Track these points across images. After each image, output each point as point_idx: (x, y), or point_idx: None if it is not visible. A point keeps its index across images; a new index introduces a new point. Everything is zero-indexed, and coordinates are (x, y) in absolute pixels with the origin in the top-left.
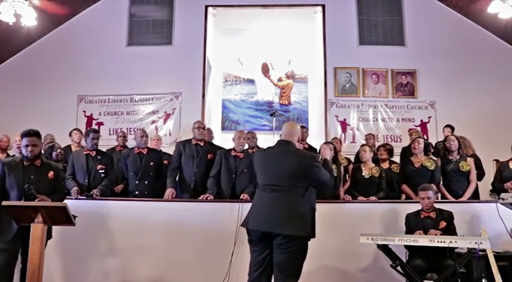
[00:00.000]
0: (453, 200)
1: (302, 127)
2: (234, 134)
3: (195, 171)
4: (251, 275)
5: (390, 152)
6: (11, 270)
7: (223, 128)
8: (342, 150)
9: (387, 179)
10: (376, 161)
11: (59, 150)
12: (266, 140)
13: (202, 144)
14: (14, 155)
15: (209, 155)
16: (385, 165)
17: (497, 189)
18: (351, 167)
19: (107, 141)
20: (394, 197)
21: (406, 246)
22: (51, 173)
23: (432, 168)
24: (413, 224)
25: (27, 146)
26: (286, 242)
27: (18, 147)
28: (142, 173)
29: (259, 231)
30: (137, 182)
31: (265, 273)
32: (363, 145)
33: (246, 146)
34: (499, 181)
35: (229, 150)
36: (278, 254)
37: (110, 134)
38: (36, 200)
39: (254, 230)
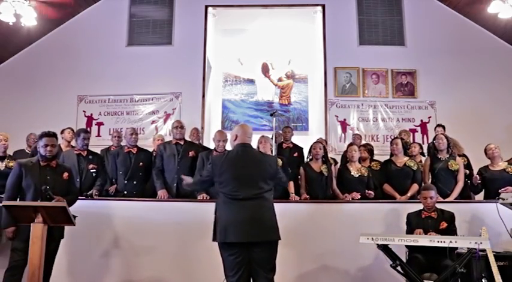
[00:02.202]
0: (453, 200)
1: (286, 127)
2: (214, 134)
3: (177, 169)
4: (229, 279)
5: (371, 151)
6: (21, 269)
7: (223, 128)
8: (340, 150)
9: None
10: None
11: None
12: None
13: (182, 143)
14: None
15: (190, 153)
16: (366, 163)
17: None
18: (336, 167)
19: (107, 142)
20: (377, 195)
21: (407, 246)
22: (65, 174)
23: (415, 168)
24: (415, 223)
25: (46, 145)
26: (266, 244)
27: (3, 146)
28: (132, 172)
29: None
30: (126, 181)
31: (245, 275)
32: (351, 144)
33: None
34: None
35: (211, 151)
36: (258, 253)
37: (110, 134)
38: (53, 201)
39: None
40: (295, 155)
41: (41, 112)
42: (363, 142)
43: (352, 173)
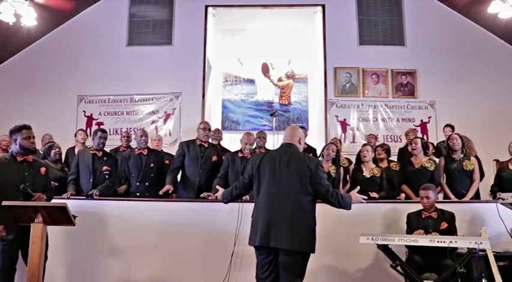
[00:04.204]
0: (453, 200)
1: (301, 128)
2: (242, 136)
3: (199, 172)
4: (259, 277)
5: (388, 151)
6: (11, 271)
7: (223, 128)
8: (342, 150)
9: (388, 178)
10: (374, 161)
11: (57, 149)
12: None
13: (206, 146)
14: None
15: (213, 157)
16: (384, 164)
17: (495, 193)
18: (351, 167)
19: (107, 141)
20: (395, 196)
21: (407, 246)
22: (43, 169)
23: (432, 168)
24: (415, 223)
25: (29, 137)
26: (291, 251)
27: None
28: (143, 174)
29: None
30: (138, 183)
31: (273, 274)
32: (364, 145)
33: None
34: (498, 182)
35: (237, 152)
36: (283, 257)
37: (110, 134)
38: (33, 198)
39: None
40: (310, 155)
41: (41, 112)
42: (363, 142)
43: (364, 174)
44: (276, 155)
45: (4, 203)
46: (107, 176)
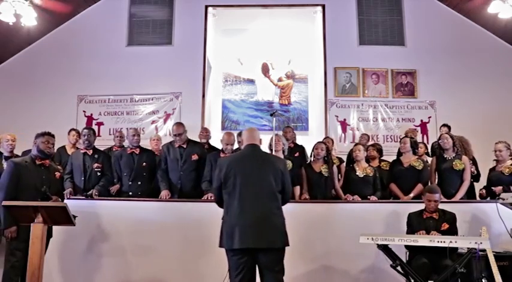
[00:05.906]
0: (454, 200)
1: (287, 127)
2: (222, 136)
3: (180, 174)
4: (233, 279)
5: (379, 151)
6: (22, 270)
7: (223, 128)
8: (340, 150)
9: (379, 177)
10: (367, 160)
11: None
12: (266, 140)
13: (185, 147)
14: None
15: (193, 156)
16: (375, 163)
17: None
18: (342, 166)
19: (107, 141)
20: (385, 195)
21: (407, 246)
22: (58, 174)
23: (420, 168)
24: (416, 224)
25: (48, 142)
26: (272, 250)
27: (10, 146)
28: (135, 173)
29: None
30: (130, 182)
31: (248, 276)
32: (356, 144)
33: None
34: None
35: (218, 152)
36: (264, 257)
37: (109, 134)
38: (50, 201)
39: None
40: (296, 155)
41: (41, 112)
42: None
43: (357, 173)
44: (244, 156)
45: (4, 203)
46: (98, 174)
